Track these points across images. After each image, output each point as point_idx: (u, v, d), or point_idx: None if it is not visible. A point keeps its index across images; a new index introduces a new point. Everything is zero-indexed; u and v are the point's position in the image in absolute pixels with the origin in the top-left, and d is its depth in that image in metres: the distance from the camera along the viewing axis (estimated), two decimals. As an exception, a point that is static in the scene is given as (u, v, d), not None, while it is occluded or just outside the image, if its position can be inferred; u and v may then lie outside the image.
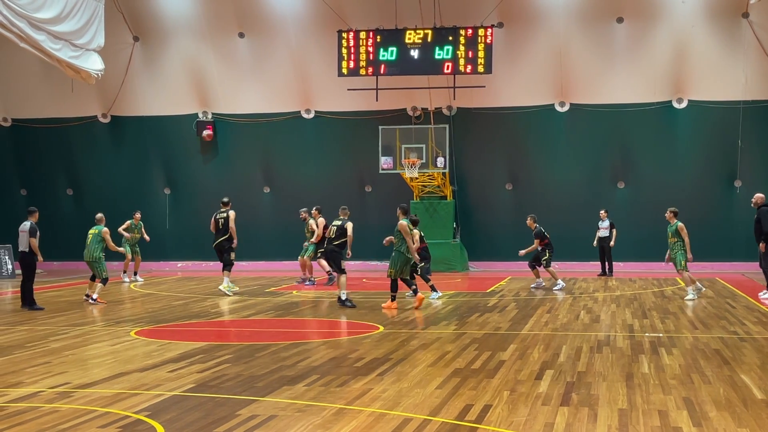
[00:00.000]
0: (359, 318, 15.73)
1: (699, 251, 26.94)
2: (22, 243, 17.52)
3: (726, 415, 8.18)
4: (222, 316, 16.60)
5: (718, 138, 27.15)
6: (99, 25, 23.93)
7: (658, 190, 27.51)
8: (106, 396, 9.12)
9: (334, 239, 18.18)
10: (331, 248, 18.27)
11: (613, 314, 16.16)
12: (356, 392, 9.21)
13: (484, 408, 8.46)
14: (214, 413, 8.30)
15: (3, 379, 10.15)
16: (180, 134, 29.97)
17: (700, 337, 13.21)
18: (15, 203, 30.30)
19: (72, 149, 30.80)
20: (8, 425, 7.87)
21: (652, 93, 27.18)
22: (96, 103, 30.11)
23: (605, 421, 7.92)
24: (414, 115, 28.46)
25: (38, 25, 21.20)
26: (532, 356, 11.45)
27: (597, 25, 26.92)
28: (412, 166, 26.55)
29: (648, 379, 9.87)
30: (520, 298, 19.06)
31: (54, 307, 18.04)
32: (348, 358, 11.35)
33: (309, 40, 28.08)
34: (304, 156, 29.46)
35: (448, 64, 25.22)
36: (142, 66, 29.40)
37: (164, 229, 29.87)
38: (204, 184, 29.82)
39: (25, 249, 17.52)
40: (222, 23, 28.40)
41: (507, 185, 28.74)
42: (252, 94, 29.18)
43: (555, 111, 28.02)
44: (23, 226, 17.59)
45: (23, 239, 17.50)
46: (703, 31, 26.47)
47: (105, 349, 12.38)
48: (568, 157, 28.13)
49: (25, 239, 17.47)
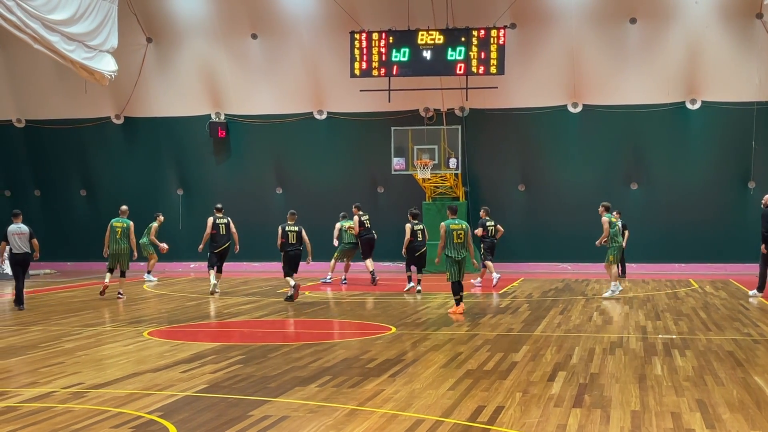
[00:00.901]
0: (371, 319, 15.73)
1: (713, 252, 27.04)
2: (24, 245, 17.60)
3: (739, 417, 8.15)
4: (235, 316, 16.63)
5: (732, 139, 27.04)
6: (112, 26, 24.03)
7: (671, 191, 27.43)
8: (119, 396, 9.15)
9: (296, 244, 18.87)
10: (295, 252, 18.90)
11: (626, 316, 16.12)
12: (368, 393, 9.22)
13: (497, 409, 8.46)
14: (226, 414, 8.32)
15: (17, 379, 10.20)
16: (193, 135, 30.03)
17: (713, 338, 13.17)
18: (29, 203, 30.41)
19: (85, 150, 30.91)
20: (22, 425, 7.90)
21: (665, 94, 27.09)
22: (109, 104, 30.20)
23: (618, 423, 7.91)
24: (426, 116, 28.44)
25: (52, 26, 21.29)
26: (544, 358, 11.43)
27: (610, 26, 26.85)
28: (425, 167, 26.53)
29: (661, 381, 9.84)
30: (533, 300, 19.03)
31: (67, 307, 18.10)
32: (360, 359, 11.35)
33: (321, 41, 28.11)
34: (316, 157, 29.48)
35: (461, 65, 25.20)
36: (155, 67, 29.48)
37: (177, 230, 29.92)
38: (217, 185, 29.87)
39: (27, 250, 17.65)
40: (235, 24, 28.46)
41: (519, 186, 28.70)
42: (264, 95, 29.22)
43: (568, 112, 27.96)
44: (21, 229, 17.64)
45: (24, 241, 17.59)
46: (717, 32, 26.38)
47: (118, 349, 12.42)
48: (581, 158, 28.06)
49: (27, 241, 17.60)
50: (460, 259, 16.27)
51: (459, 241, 16.23)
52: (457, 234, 16.22)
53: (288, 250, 18.89)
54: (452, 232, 16.22)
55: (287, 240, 18.84)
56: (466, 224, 16.54)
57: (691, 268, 27.05)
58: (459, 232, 16.26)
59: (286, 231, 18.88)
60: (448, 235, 16.19)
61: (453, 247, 16.21)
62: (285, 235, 18.85)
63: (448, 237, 16.20)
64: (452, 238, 16.20)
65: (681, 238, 27.36)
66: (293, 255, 18.90)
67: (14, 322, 15.55)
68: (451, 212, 16.62)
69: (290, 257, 18.89)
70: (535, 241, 28.36)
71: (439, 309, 17.26)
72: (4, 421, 8.06)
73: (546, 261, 28.00)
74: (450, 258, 16.24)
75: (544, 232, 28.27)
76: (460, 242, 16.25)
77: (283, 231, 18.88)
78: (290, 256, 18.88)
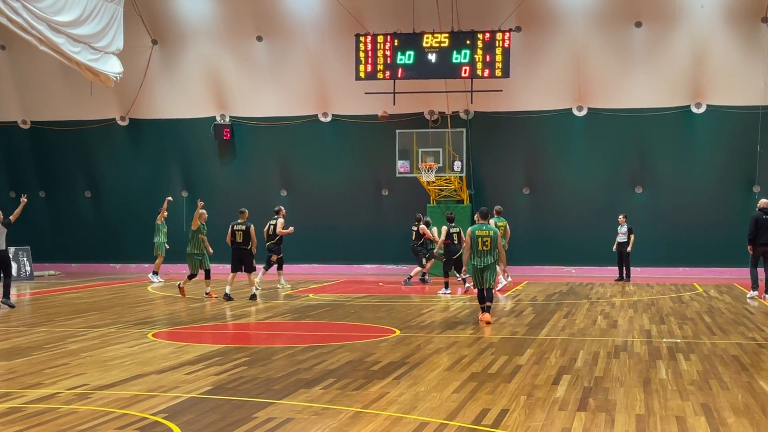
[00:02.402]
0: (376, 322, 15.74)
1: (717, 256, 27.02)
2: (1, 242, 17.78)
3: (744, 421, 8.14)
4: (239, 318, 16.64)
5: (737, 143, 27.02)
6: (118, 28, 24.06)
7: (676, 195, 27.43)
8: (123, 397, 9.17)
9: (242, 243, 19.61)
10: (241, 250, 19.66)
11: (631, 319, 16.11)
12: (373, 396, 9.22)
13: (501, 413, 8.45)
14: (231, 415, 8.32)
15: (22, 380, 10.21)
16: (198, 137, 30.08)
17: (718, 342, 13.15)
18: (34, 205, 30.44)
19: (90, 152, 30.97)
20: (27, 426, 7.91)
21: (671, 98, 27.09)
22: (114, 105, 30.26)
23: (622, 427, 7.90)
24: (431, 119, 28.46)
25: (58, 28, 21.33)
26: (549, 361, 11.42)
27: (615, 29, 26.86)
28: (429, 170, 26.53)
29: (666, 385, 9.83)
30: (537, 303, 19.02)
31: (72, 308, 18.13)
32: (364, 361, 11.35)
33: (326, 43, 28.13)
34: (321, 159, 29.51)
35: (466, 67, 25.21)
36: (160, 69, 29.53)
37: (182, 232, 29.92)
38: (221, 187, 29.92)
39: (2, 247, 17.75)
40: (240, 27, 28.50)
41: (524, 189, 28.69)
42: (270, 97, 29.26)
43: (573, 115, 27.96)
44: None
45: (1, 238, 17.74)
46: (722, 36, 26.37)
47: (123, 350, 12.43)
48: (586, 161, 28.07)
49: (3, 238, 17.73)
50: (483, 266, 15.31)
51: (485, 248, 15.29)
52: (482, 241, 15.29)
53: (234, 247, 19.67)
54: (477, 238, 15.32)
55: (235, 238, 19.56)
56: (495, 230, 15.62)
57: (696, 272, 27.04)
58: (485, 239, 15.31)
59: (234, 230, 19.59)
60: (473, 241, 15.36)
61: (477, 254, 15.33)
62: (233, 233, 19.58)
63: (473, 243, 15.37)
64: (477, 245, 15.33)
65: (685, 241, 27.34)
66: (238, 253, 19.59)
67: (19, 323, 15.57)
68: (481, 217, 15.71)
69: (235, 255, 19.65)
70: (540, 244, 28.35)
71: (443, 312, 17.25)
72: (10, 422, 8.08)
73: (550, 264, 28.02)
74: (473, 265, 15.40)
75: (548, 236, 28.27)
76: (486, 249, 15.30)
77: (231, 229, 19.62)
78: (235, 254, 19.65)
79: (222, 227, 21.02)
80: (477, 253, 15.35)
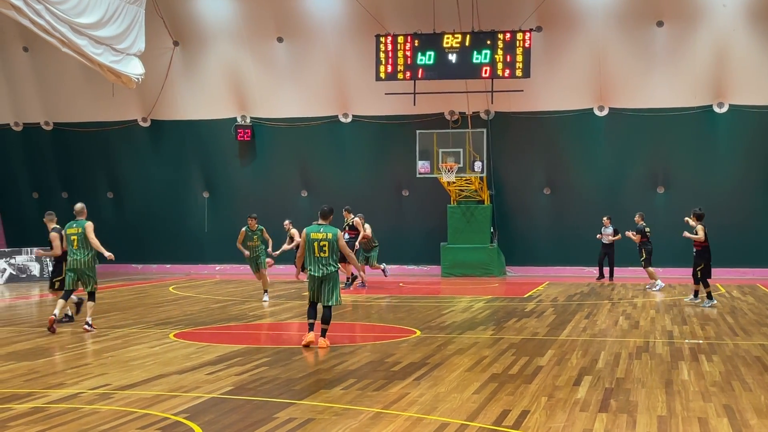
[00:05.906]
0: (396, 322, 15.73)
1: (740, 257, 26.81)
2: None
3: (767, 422, 8.08)
4: (260, 319, 16.68)
5: (760, 143, 26.84)
6: (139, 29, 24.15)
7: (698, 195, 27.19)
8: (145, 398, 9.21)
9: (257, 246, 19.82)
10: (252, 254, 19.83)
11: (653, 320, 16.03)
12: (393, 396, 9.22)
13: (522, 413, 8.43)
14: (251, 416, 8.34)
15: (44, 380, 10.27)
16: (218, 138, 30.18)
17: (740, 344, 13.06)
18: (57, 206, 30.60)
19: (112, 153, 31.15)
20: (49, 426, 7.96)
21: (693, 97, 26.94)
22: (136, 107, 30.41)
23: (644, 428, 7.86)
24: (451, 119, 28.43)
25: (80, 30, 21.43)
26: (570, 362, 11.38)
27: (637, 29, 26.73)
28: (450, 170, 26.50)
29: (688, 386, 9.78)
30: (558, 304, 18.96)
31: (94, 309, 18.14)
32: (385, 362, 11.35)
33: (347, 44, 28.16)
34: (341, 160, 29.54)
35: (486, 68, 25.18)
36: (181, 70, 29.65)
37: (203, 233, 30.09)
38: (242, 187, 30.01)
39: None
40: (261, 28, 28.57)
41: (545, 190, 28.61)
42: (290, 98, 29.32)
43: (594, 115, 27.85)
44: None
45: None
46: (744, 35, 26.19)
47: (144, 351, 12.49)
48: (607, 161, 27.95)
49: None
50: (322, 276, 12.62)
51: (322, 255, 12.60)
52: (319, 245, 12.62)
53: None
54: (312, 242, 12.69)
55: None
56: (335, 232, 12.70)
57: (718, 273, 26.65)
58: (322, 243, 12.60)
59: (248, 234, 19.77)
60: (308, 245, 12.67)
61: (313, 261, 12.70)
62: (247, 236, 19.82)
63: (308, 248, 12.67)
64: (313, 250, 12.65)
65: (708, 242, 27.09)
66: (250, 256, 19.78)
67: (42, 324, 15.66)
68: (321, 216, 12.89)
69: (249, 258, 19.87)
70: (561, 245, 28.26)
71: (463, 313, 17.23)
72: (32, 421, 8.13)
73: (571, 265, 27.90)
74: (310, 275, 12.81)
75: (569, 236, 28.16)
76: (324, 255, 12.59)
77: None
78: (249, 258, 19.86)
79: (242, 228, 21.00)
80: (313, 260, 12.67)
